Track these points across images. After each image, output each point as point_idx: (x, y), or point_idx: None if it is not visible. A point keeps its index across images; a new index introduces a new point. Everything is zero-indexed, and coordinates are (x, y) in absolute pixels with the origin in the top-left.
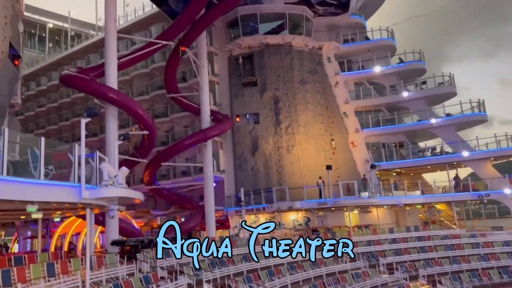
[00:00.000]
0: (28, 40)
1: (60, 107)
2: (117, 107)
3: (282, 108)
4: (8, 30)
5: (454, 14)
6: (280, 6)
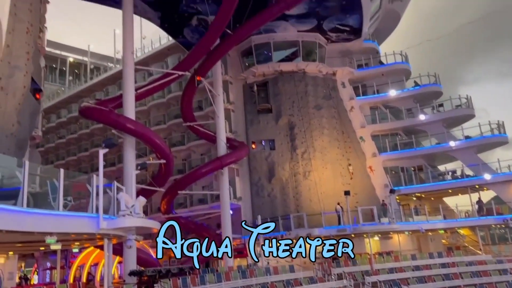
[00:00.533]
0: (50, 74)
1: (79, 138)
2: (134, 137)
3: (298, 134)
4: (30, 66)
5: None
6: (293, 34)
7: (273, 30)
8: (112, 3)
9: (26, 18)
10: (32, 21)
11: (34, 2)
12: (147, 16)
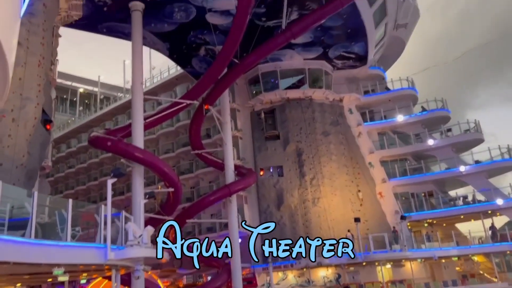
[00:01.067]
0: (60, 105)
1: (88, 168)
2: (143, 166)
3: (306, 160)
4: (41, 97)
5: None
6: (299, 62)
7: (280, 58)
8: (122, 35)
9: (39, 52)
10: (44, 54)
11: (46, 36)
12: (156, 47)
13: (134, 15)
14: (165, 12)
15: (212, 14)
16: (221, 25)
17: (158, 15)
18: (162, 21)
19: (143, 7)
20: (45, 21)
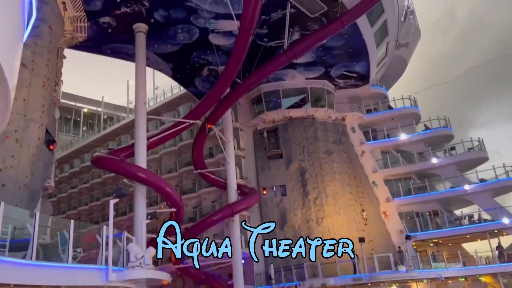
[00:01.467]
0: (64, 125)
1: (91, 188)
2: (146, 186)
3: (309, 179)
4: (45, 118)
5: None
6: (301, 82)
7: (282, 78)
8: (125, 56)
9: (43, 73)
10: (48, 76)
11: (51, 58)
12: (159, 68)
13: (138, 36)
14: (168, 34)
15: (215, 35)
16: (224, 45)
17: (162, 37)
18: (165, 42)
19: (146, 29)
20: (50, 43)
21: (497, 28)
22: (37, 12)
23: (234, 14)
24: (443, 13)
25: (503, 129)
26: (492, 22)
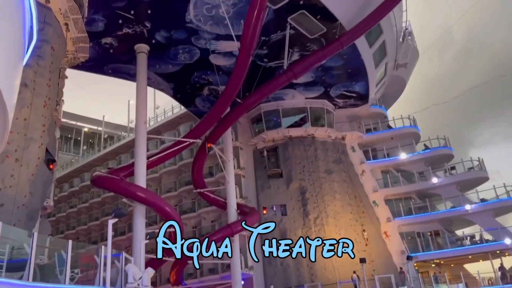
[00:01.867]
0: (64, 144)
1: (90, 207)
2: (145, 205)
3: (309, 199)
4: (45, 137)
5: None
6: (301, 101)
7: (282, 97)
8: (127, 76)
9: (44, 93)
10: (50, 95)
11: (52, 78)
12: (160, 88)
13: (139, 57)
14: (169, 54)
15: (215, 55)
16: (224, 65)
17: (163, 57)
18: (166, 62)
19: (148, 49)
20: (52, 63)
21: (494, 48)
22: (40, 33)
23: (234, 35)
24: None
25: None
26: (489, 43)
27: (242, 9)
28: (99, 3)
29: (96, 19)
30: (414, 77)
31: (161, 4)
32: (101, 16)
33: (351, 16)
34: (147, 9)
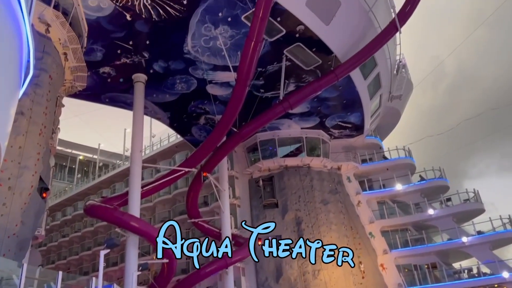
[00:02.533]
0: (59, 172)
1: (83, 237)
2: (138, 236)
3: (305, 230)
4: (40, 166)
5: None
6: (297, 131)
7: (278, 127)
8: (124, 105)
9: (41, 121)
10: (46, 124)
11: (49, 106)
12: (157, 117)
13: (136, 86)
14: (167, 84)
15: (212, 85)
16: (221, 95)
17: (160, 86)
18: (163, 91)
19: (145, 79)
20: (49, 91)
21: (486, 82)
22: (38, 62)
23: (231, 66)
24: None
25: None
26: (479, 77)
27: (239, 41)
28: (98, 34)
29: (95, 49)
30: (408, 108)
31: (160, 35)
32: (100, 46)
33: (345, 49)
34: (146, 40)
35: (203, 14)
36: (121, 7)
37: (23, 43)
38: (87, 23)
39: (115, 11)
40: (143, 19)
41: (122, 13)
